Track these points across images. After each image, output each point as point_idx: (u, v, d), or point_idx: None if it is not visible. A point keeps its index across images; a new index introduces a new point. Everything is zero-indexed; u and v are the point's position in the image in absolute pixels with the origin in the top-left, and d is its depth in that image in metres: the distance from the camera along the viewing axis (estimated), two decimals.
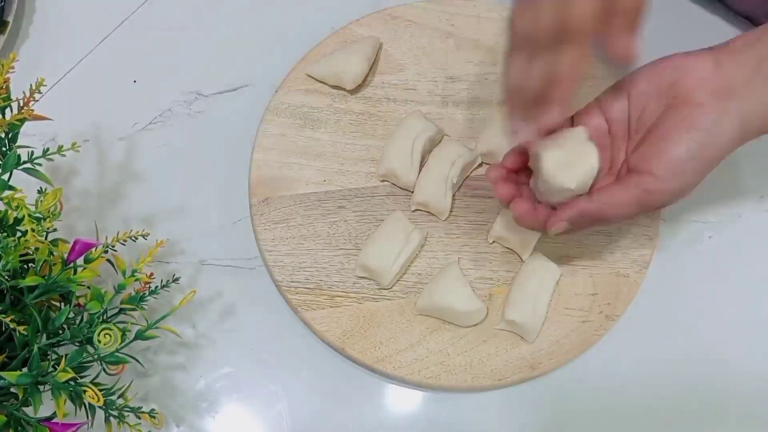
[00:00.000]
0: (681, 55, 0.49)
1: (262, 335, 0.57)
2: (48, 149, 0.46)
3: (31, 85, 0.45)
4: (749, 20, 0.67)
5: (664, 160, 0.47)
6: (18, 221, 0.44)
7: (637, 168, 0.48)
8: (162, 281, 0.49)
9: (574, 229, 0.50)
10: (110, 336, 0.44)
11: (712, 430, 0.55)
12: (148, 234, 0.49)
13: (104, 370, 0.46)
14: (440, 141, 0.61)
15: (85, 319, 0.47)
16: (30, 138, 0.52)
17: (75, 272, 0.46)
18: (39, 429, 0.45)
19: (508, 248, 0.58)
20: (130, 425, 0.47)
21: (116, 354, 0.45)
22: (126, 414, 0.47)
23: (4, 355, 0.46)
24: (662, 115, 0.48)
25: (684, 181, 0.47)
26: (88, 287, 0.47)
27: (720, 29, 0.67)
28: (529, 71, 0.47)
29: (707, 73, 0.47)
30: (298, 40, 0.65)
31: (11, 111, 0.46)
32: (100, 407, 0.45)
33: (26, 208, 0.43)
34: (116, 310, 0.48)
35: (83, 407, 0.46)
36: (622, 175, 0.49)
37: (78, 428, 0.45)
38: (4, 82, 0.45)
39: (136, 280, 0.47)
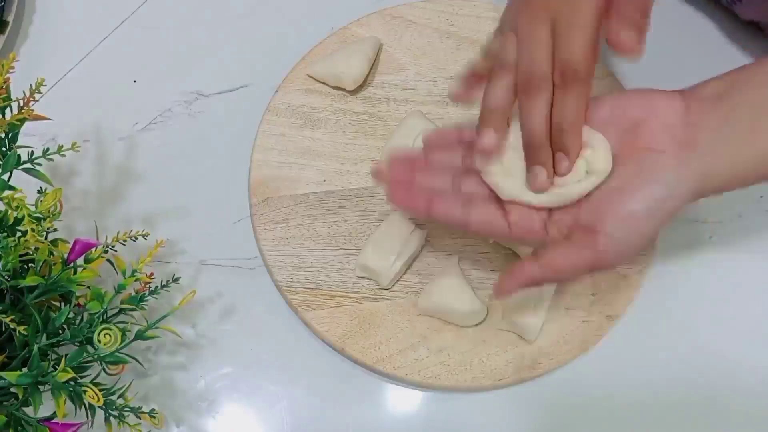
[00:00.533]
0: (650, 92, 0.46)
1: (262, 335, 0.57)
2: (48, 149, 0.46)
3: (31, 85, 0.45)
4: (756, 26, 0.66)
5: (620, 217, 0.44)
6: (18, 221, 0.44)
7: (590, 225, 0.45)
8: (162, 281, 0.49)
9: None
10: (110, 336, 0.44)
11: (712, 430, 0.55)
12: (148, 234, 0.49)
13: (104, 370, 0.46)
14: None
15: (85, 319, 0.47)
16: (30, 138, 0.52)
17: (75, 272, 0.46)
18: (39, 429, 0.45)
19: (508, 248, 0.58)
20: (130, 425, 0.47)
21: (116, 354, 0.45)
22: (126, 414, 0.47)
23: (4, 355, 0.46)
24: (620, 158, 0.45)
25: (640, 240, 0.44)
26: (88, 287, 0.47)
27: (724, 36, 0.67)
28: (489, 89, 0.47)
29: (674, 118, 0.44)
30: (298, 40, 0.65)
31: (11, 111, 0.46)
32: (100, 407, 0.45)
33: (26, 208, 0.43)
34: (116, 310, 0.48)
35: (83, 407, 0.46)
36: (573, 231, 0.46)
37: (78, 428, 0.45)
38: (4, 82, 0.45)
39: (136, 280, 0.47)
